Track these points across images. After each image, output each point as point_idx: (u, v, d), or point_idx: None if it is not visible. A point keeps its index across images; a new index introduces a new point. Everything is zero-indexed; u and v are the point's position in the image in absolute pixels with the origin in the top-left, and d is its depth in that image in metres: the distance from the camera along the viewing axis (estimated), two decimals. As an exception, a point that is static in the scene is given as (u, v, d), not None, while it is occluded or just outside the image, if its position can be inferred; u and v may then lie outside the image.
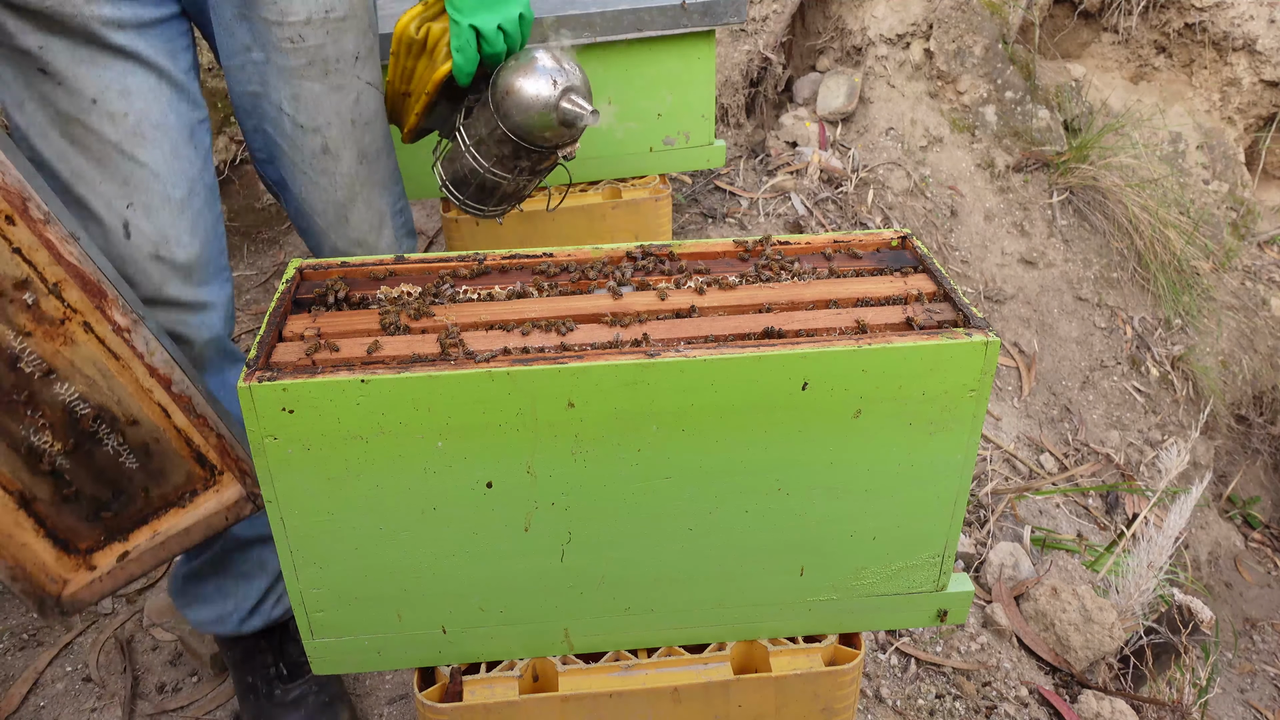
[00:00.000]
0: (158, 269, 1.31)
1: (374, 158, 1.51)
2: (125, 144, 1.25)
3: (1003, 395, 2.85)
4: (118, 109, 1.24)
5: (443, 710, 1.11)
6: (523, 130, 1.37)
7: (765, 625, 1.16)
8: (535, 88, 1.35)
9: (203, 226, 1.35)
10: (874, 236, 1.21)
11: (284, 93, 1.39)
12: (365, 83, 1.44)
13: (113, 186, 1.26)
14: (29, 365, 1.08)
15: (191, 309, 1.36)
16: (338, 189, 1.49)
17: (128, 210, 1.27)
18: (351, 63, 1.41)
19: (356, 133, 1.46)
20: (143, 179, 1.28)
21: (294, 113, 1.41)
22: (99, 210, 1.26)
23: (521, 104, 1.35)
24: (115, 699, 1.67)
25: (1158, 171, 3.36)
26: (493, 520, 1.03)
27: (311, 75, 1.39)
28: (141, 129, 1.26)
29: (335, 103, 1.42)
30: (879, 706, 1.74)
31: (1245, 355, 3.35)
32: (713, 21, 1.99)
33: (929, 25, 3.22)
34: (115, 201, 1.26)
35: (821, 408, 0.99)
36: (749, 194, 2.93)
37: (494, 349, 0.99)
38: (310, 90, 1.40)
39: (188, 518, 1.21)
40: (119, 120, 1.25)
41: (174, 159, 1.30)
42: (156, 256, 1.30)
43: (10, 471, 1.11)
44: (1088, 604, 2.01)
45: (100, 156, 1.25)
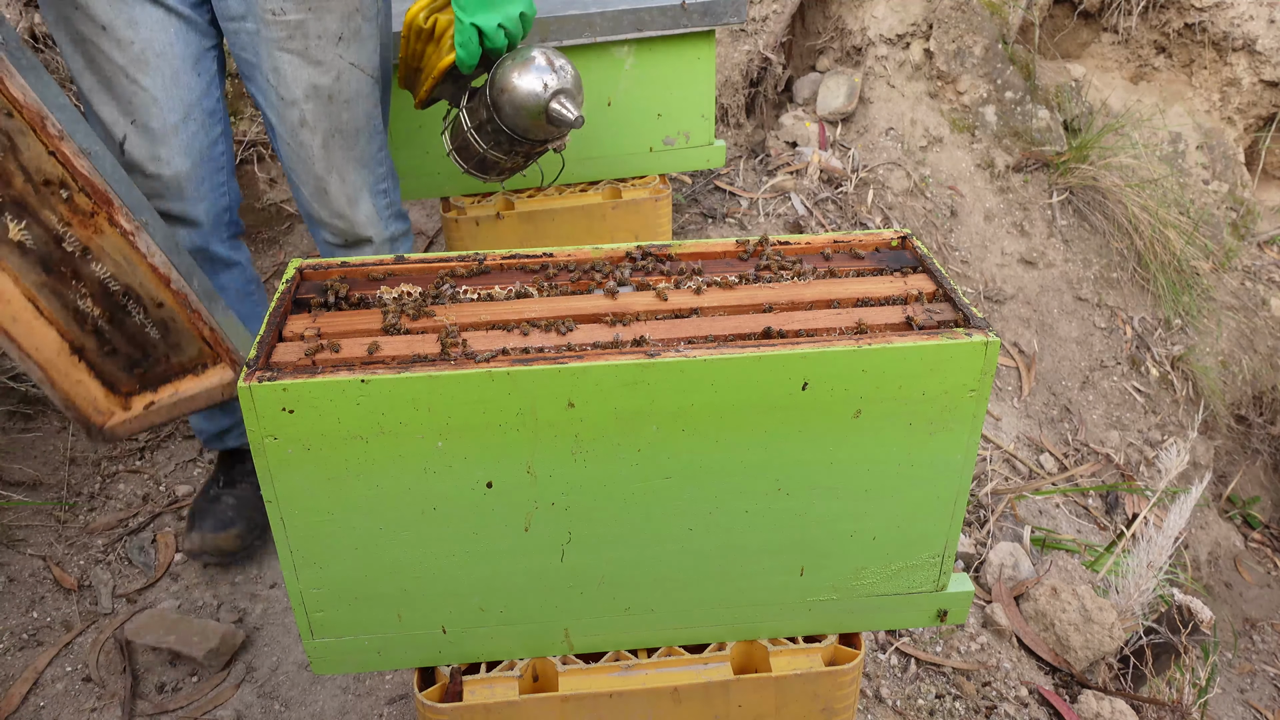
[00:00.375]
0: (146, 183, 1.48)
1: (352, 135, 1.58)
2: (130, 68, 1.40)
3: (1003, 395, 2.85)
4: (125, 36, 1.38)
5: (443, 710, 1.11)
6: (514, 125, 1.47)
7: (765, 625, 1.16)
8: (527, 89, 1.43)
9: (196, 147, 1.49)
10: (874, 236, 1.21)
11: (268, 64, 1.48)
12: (349, 63, 1.51)
13: (117, 105, 1.42)
14: (70, 245, 1.33)
15: (177, 221, 1.53)
16: (315, 161, 1.57)
17: (130, 127, 1.43)
18: (334, 42, 1.48)
19: (334, 109, 1.53)
20: (143, 102, 1.42)
21: (276, 84, 1.49)
22: (107, 123, 1.44)
23: (514, 102, 1.44)
24: (115, 699, 1.67)
25: (1158, 171, 3.36)
26: (493, 520, 1.03)
27: (291, 49, 1.46)
28: (145, 56, 1.40)
29: (311, 77, 1.49)
30: (879, 706, 1.74)
31: (1245, 355, 3.35)
32: (713, 21, 1.99)
33: (929, 25, 3.22)
34: (120, 119, 1.43)
35: (821, 408, 0.99)
36: (749, 194, 2.93)
37: (494, 349, 0.99)
38: (289, 64, 1.47)
39: (198, 385, 1.46)
40: (125, 47, 1.38)
41: (174, 85, 1.44)
42: (145, 173, 1.47)
43: (66, 326, 1.38)
44: (1088, 604, 2.01)
45: (109, 77, 1.40)
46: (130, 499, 2.07)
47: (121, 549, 1.96)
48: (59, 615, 1.83)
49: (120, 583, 1.90)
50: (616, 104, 2.06)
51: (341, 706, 1.67)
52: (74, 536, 1.98)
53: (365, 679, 1.71)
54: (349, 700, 1.68)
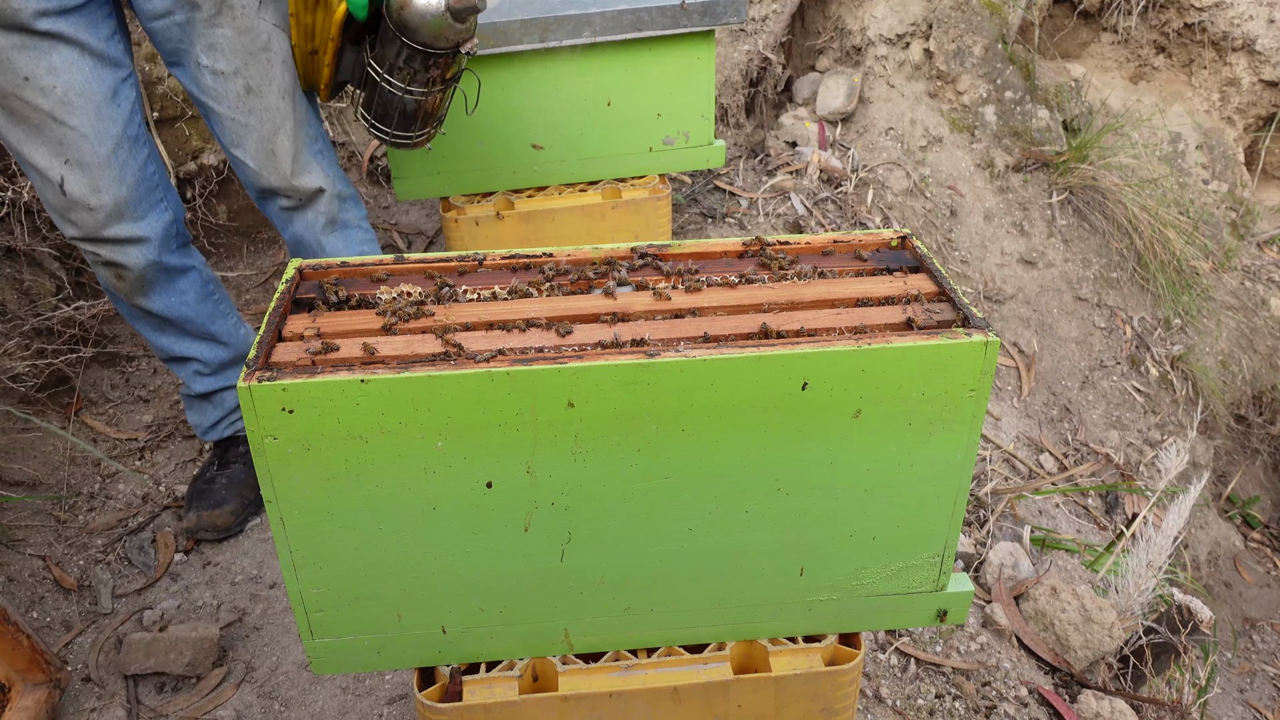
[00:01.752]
0: (90, 215, 1.57)
1: (294, 94, 1.65)
2: (56, 112, 1.48)
3: (1003, 395, 2.85)
4: (47, 83, 1.45)
5: (443, 710, 1.11)
6: (424, 37, 1.49)
7: (765, 625, 1.16)
8: None
9: (130, 172, 1.58)
10: (874, 236, 1.21)
11: (202, 43, 1.55)
12: (272, 25, 1.58)
13: (49, 148, 1.50)
14: None
15: (127, 243, 1.62)
16: (264, 124, 1.64)
17: (64, 167, 1.51)
18: (256, 7, 1.55)
19: (274, 71, 1.61)
20: (73, 140, 1.51)
21: (212, 61, 1.57)
22: (43, 168, 1.52)
23: (416, 13, 1.46)
24: (115, 699, 1.66)
25: (1157, 171, 3.36)
26: (493, 520, 1.03)
27: (222, 23, 1.54)
28: (68, 98, 1.48)
29: (247, 44, 1.56)
30: (879, 706, 1.74)
31: (1245, 355, 3.35)
32: (713, 21, 1.99)
33: (929, 25, 3.22)
34: (54, 162, 1.51)
35: (821, 408, 0.99)
36: (749, 194, 2.93)
37: (494, 349, 0.99)
38: (223, 36, 1.55)
39: None
40: (49, 92, 1.46)
41: (98, 120, 1.51)
42: (88, 206, 1.56)
43: None
44: (1087, 604, 2.01)
45: (37, 124, 1.48)
46: (130, 499, 2.07)
47: (121, 549, 1.96)
48: (59, 615, 1.83)
49: (120, 583, 1.90)
50: (616, 104, 2.06)
51: (341, 706, 1.67)
52: (74, 536, 1.98)
53: (365, 679, 1.71)
54: (349, 700, 1.68)
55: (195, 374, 1.90)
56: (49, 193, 1.56)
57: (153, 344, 1.85)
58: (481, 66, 1.95)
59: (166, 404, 2.30)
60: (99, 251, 1.63)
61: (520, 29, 1.91)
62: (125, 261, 1.65)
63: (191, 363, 1.88)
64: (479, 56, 1.93)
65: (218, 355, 1.89)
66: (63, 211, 1.58)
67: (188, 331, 1.83)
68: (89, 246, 1.63)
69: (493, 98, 2.00)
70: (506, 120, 2.04)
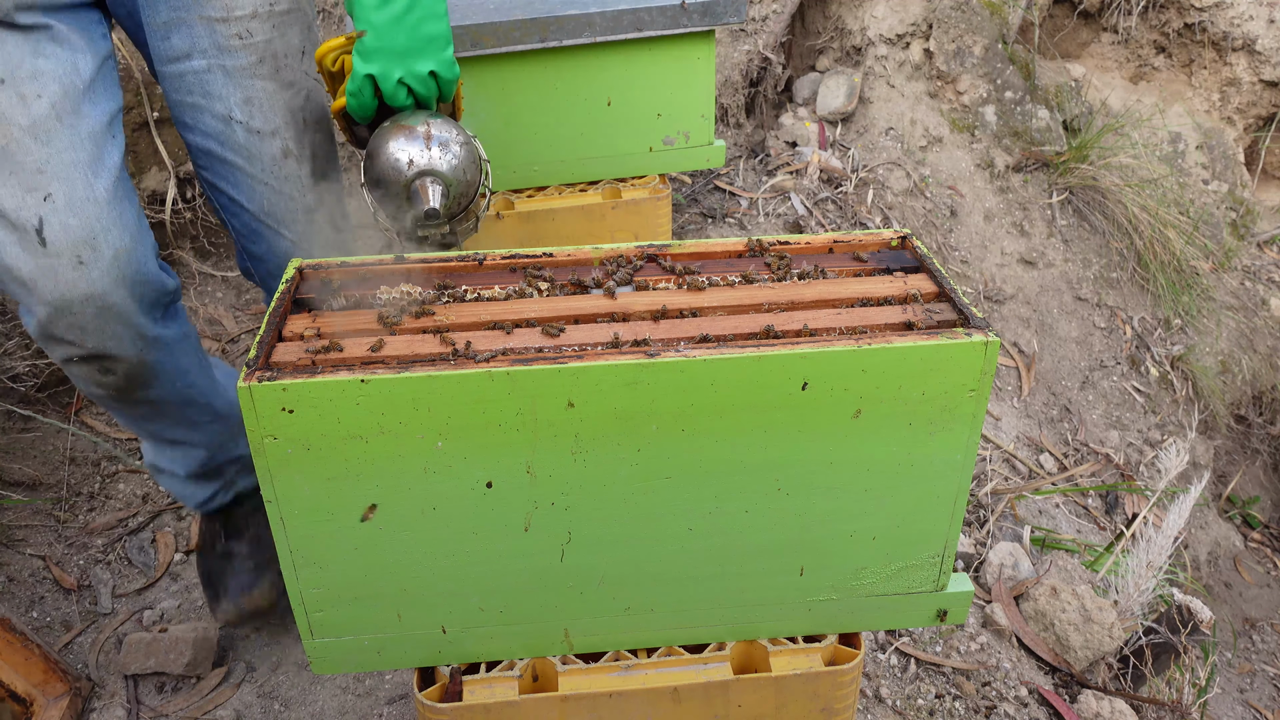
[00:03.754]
0: (81, 276, 1.14)
1: (331, 158, 1.44)
2: (40, 128, 1.10)
3: (1003, 395, 2.85)
4: (29, 90, 1.10)
5: (443, 710, 1.11)
6: (377, 196, 1.24)
7: (765, 625, 1.16)
8: (388, 160, 1.19)
9: (130, 217, 1.19)
10: (874, 237, 1.21)
11: (234, 98, 1.31)
12: (313, 79, 1.38)
13: (25, 177, 1.10)
14: None
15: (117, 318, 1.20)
16: (305, 193, 1.40)
17: (43, 205, 1.10)
18: (299, 58, 1.35)
19: (311, 133, 1.40)
20: (61, 167, 1.11)
21: (247, 118, 1.32)
22: (9, 209, 1.10)
23: (375, 170, 1.21)
24: (115, 699, 1.66)
25: (1157, 171, 3.36)
26: (493, 520, 1.03)
27: (263, 73, 1.31)
28: (58, 113, 1.12)
29: (288, 100, 1.35)
30: (879, 706, 1.74)
31: (1245, 355, 3.35)
32: (713, 21, 1.99)
33: (929, 25, 3.22)
34: (27, 196, 1.10)
35: (821, 407, 0.99)
36: (749, 194, 2.93)
37: (494, 349, 0.99)
38: (264, 90, 1.32)
39: None
40: (30, 102, 1.10)
41: (93, 145, 1.15)
42: (78, 260, 1.14)
43: None
44: (1087, 604, 2.01)
45: (5, 144, 1.09)
46: (130, 499, 2.07)
47: (121, 549, 1.96)
48: (59, 615, 1.83)
49: (120, 583, 1.90)
50: (616, 104, 2.06)
51: (341, 706, 1.67)
52: (74, 536, 1.98)
53: (365, 679, 1.71)
54: (349, 700, 1.68)
55: (188, 456, 1.55)
56: (10, 254, 1.11)
57: (139, 431, 1.48)
58: (482, 66, 1.95)
59: (166, 404, 2.30)
60: (78, 339, 1.18)
61: (520, 29, 1.91)
62: (115, 350, 1.22)
63: (190, 448, 1.53)
64: (479, 56, 1.93)
65: (219, 431, 1.53)
66: (31, 278, 1.12)
67: (186, 417, 1.46)
68: (64, 331, 1.17)
69: (493, 98, 2.00)
70: (506, 121, 2.04)
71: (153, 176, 2.46)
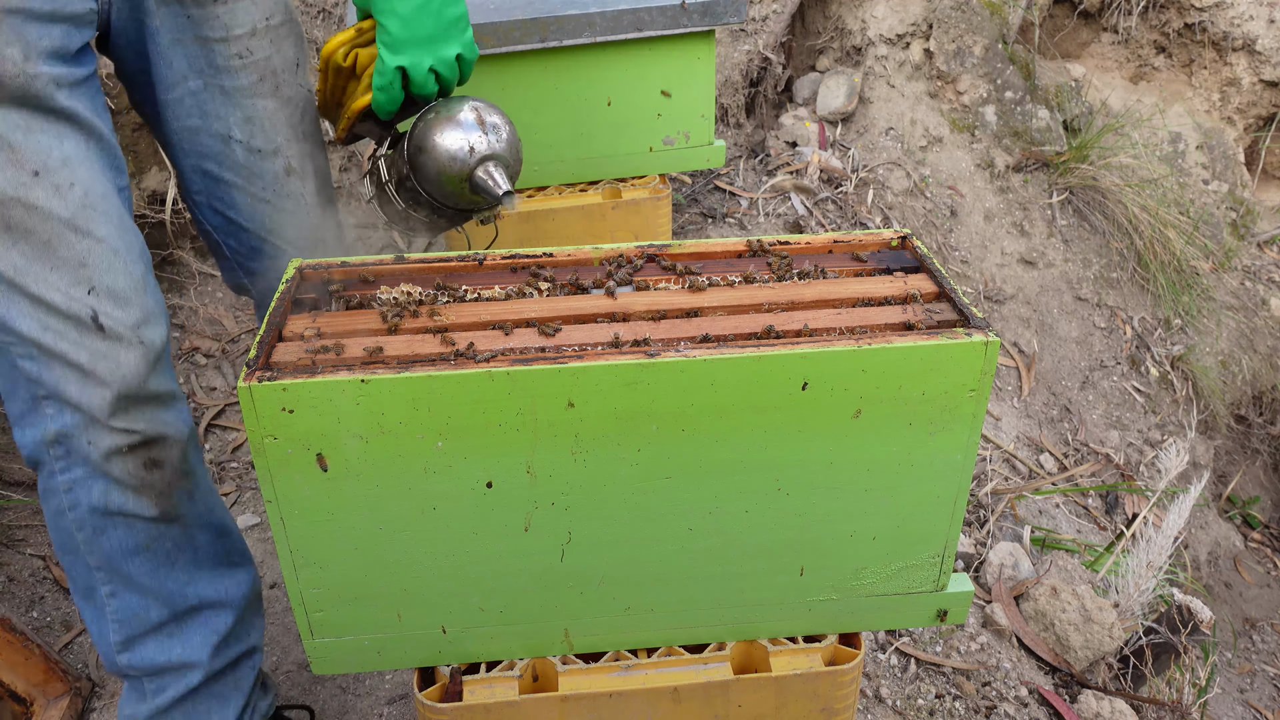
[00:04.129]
0: (139, 357, 1.12)
1: (327, 171, 1.40)
2: (78, 219, 1.07)
3: (1003, 395, 2.85)
4: (62, 180, 1.06)
5: (443, 710, 1.11)
6: (434, 191, 1.23)
7: (765, 625, 1.16)
8: (448, 151, 1.18)
9: (158, 300, 1.16)
10: (874, 237, 1.21)
11: (233, 117, 1.27)
12: (307, 91, 1.35)
13: (68, 272, 1.07)
14: None
15: (171, 401, 1.18)
16: (310, 211, 1.36)
17: (92, 297, 1.08)
18: (294, 71, 1.31)
19: (310, 147, 1.36)
20: (102, 257, 1.09)
21: (248, 137, 1.28)
22: (57, 303, 1.07)
23: (433, 164, 1.20)
24: (115, 699, 1.66)
25: (1157, 171, 3.36)
26: (493, 520, 1.03)
27: (263, 91, 1.27)
28: (90, 200, 1.08)
29: (289, 117, 1.32)
30: (879, 706, 1.74)
31: (1245, 355, 3.35)
32: (713, 21, 1.99)
33: (929, 25, 3.22)
34: (74, 289, 1.08)
35: (821, 408, 0.99)
36: (749, 194, 2.93)
37: (494, 349, 0.99)
38: (264, 109, 1.28)
39: None
40: (65, 193, 1.06)
41: (123, 230, 1.12)
42: (139, 341, 1.12)
43: None
44: (1087, 604, 2.01)
45: (49, 239, 1.06)
46: (130, 499, 2.07)
47: (121, 549, 1.96)
48: (59, 615, 1.83)
49: (120, 583, 1.90)
50: (616, 104, 2.06)
51: (341, 706, 1.67)
52: (74, 536, 1.98)
53: (365, 679, 1.71)
54: (349, 700, 1.68)
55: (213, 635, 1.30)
56: (67, 340, 1.08)
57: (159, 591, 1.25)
58: (482, 66, 1.95)
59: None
60: (135, 425, 1.13)
61: (520, 29, 1.91)
62: (169, 431, 1.17)
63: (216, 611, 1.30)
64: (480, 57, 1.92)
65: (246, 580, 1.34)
66: (91, 365, 1.09)
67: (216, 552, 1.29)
68: (123, 418, 1.12)
69: (493, 98, 1.99)
70: (506, 120, 2.03)
71: (153, 176, 2.46)
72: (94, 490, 1.16)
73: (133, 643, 1.27)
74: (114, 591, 1.24)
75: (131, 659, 1.28)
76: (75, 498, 1.17)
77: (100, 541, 1.20)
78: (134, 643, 1.27)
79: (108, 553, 1.20)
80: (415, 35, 1.17)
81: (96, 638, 1.28)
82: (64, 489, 1.17)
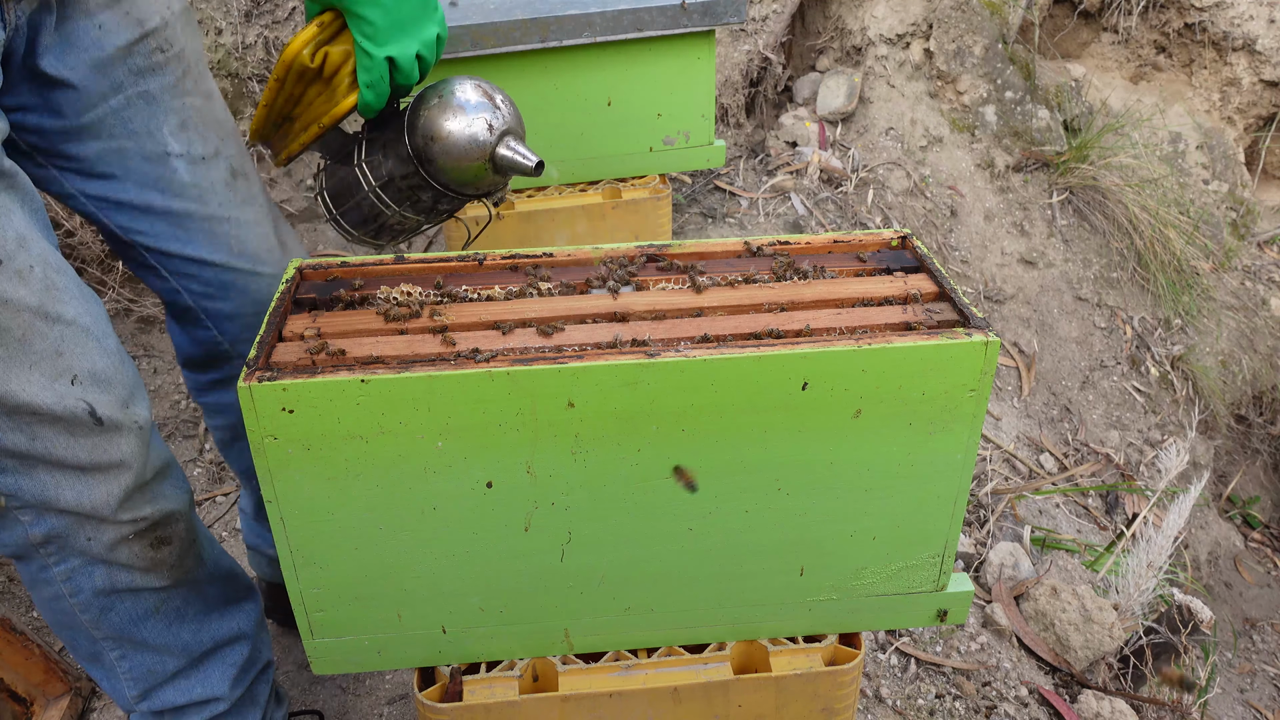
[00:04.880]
0: (138, 443, 1.04)
1: (252, 168, 1.29)
2: (45, 304, 0.95)
3: (1003, 395, 2.85)
4: (22, 263, 0.93)
5: (443, 710, 1.11)
6: (450, 179, 1.17)
7: (765, 625, 1.16)
8: (467, 135, 1.13)
9: (135, 371, 1.06)
10: (874, 237, 1.21)
11: (166, 126, 1.14)
12: (213, 82, 1.22)
13: (47, 365, 0.96)
14: None
15: (169, 472, 1.12)
16: (268, 210, 1.26)
17: (75, 388, 0.97)
18: (203, 60, 1.19)
19: (240, 142, 1.25)
20: (75, 340, 0.98)
21: (186, 147, 1.16)
22: (48, 405, 0.96)
23: (451, 152, 1.14)
24: (115, 699, 1.67)
25: (1157, 171, 3.36)
26: (493, 520, 1.03)
27: (188, 88, 1.15)
28: (49, 277, 0.96)
29: (215, 112, 1.20)
30: (879, 706, 1.74)
31: (1245, 355, 3.35)
32: (713, 21, 1.99)
33: (929, 25, 3.22)
34: (58, 384, 0.96)
35: (821, 408, 0.99)
36: (749, 194, 2.93)
37: (494, 349, 0.99)
38: (194, 106, 1.16)
39: None
40: (28, 278, 0.94)
41: (85, 299, 1.01)
42: (136, 424, 1.03)
43: None
44: (1088, 604, 2.01)
45: (22, 334, 0.94)
46: (130, 499, 2.07)
47: (121, 549, 1.96)
48: (59, 615, 1.83)
49: (120, 583, 1.89)
50: (616, 104, 2.06)
51: (341, 706, 1.67)
52: (74, 536, 1.97)
53: (365, 679, 1.71)
54: (349, 700, 1.68)
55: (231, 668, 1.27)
56: (59, 444, 0.98)
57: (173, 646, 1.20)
58: (482, 67, 1.95)
59: (166, 404, 2.30)
60: (144, 513, 1.07)
61: (520, 29, 1.91)
62: (173, 507, 1.11)
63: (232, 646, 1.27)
64: (480, 57, 1.93)
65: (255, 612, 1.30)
66: (93, 461, 1.00)
67: (225, 595, 1.25)
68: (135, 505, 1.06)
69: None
70: (507, 120, 2.03)
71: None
72: (96, 576, 1.09)
73: (150, 694, 1.22)
74: (124, 655, 1.19)
75: (151, 705, 1.23)
76: (76, 585, 1.10)
77: (108, 618, 1.13)
78: (152, 693, 1.22)
79: (117, 625, 1.14)
80: (399, 21, 1.08)
81: (110, 692, 1.23)
82: (61, 579, 1.09)
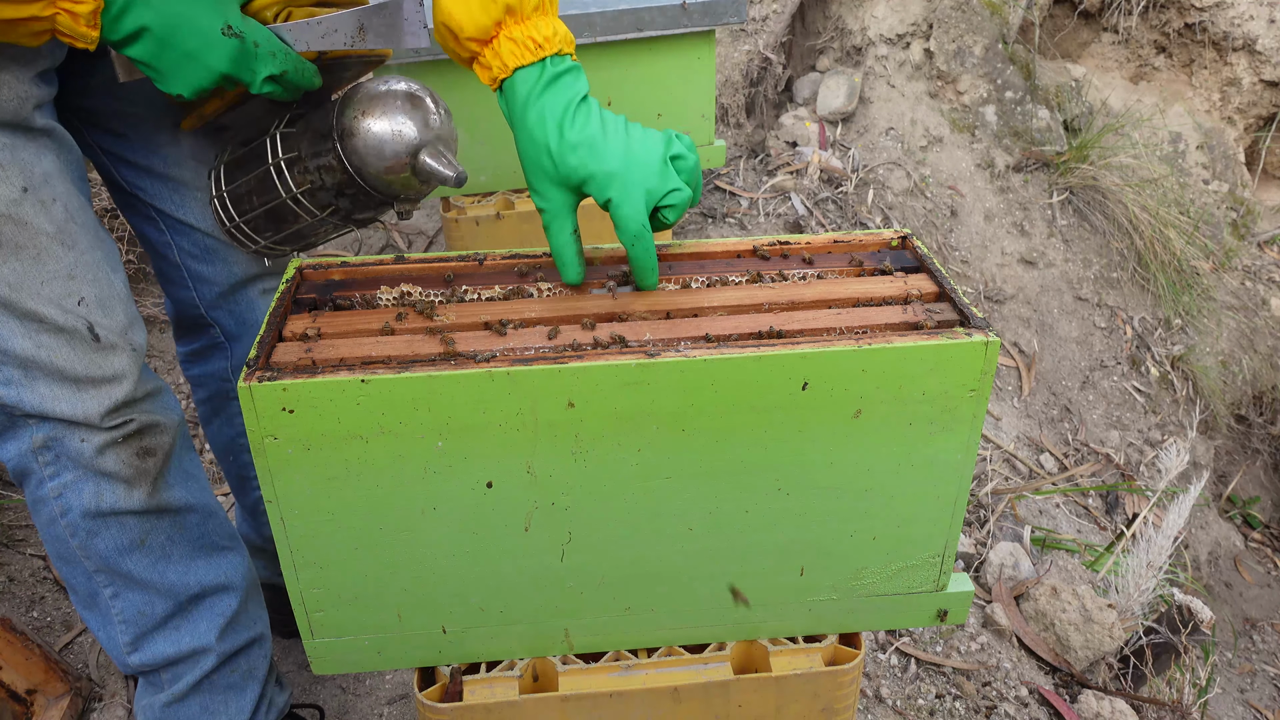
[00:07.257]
0: (131, 363, 1.15)
1: None
2: (63, 233, 1.10)
3: (1003, 395, 2.85)
4: (46, 195, 1.08)
5: (443, 710, 1.11)
6: (368, 174, 1.13)
7: (765, 625, 1.16)
8: (393, 133, 1.10)
9: (136, 309, 1.19)
10: (874, 236, 1.21)
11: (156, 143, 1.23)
12: None
13: (58, 285, 1.10)
14: None
15: (159, 394, 1.21)
16: None
17: (80, 308, 1.11)
18: None
19: None
20: (87, 269, 1.12)
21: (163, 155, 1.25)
22: (53, 316, 1.09)
23: (371, 145, 1.11)
24: (115, 699, 1.66)
25: (1158, 171, 3.36)
26: (493, 520, 1.03)
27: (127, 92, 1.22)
28: (70, 213, 1.11)
29: None
30: (879, 706, 1.74)
31: (1245, 355, 3.35)
32: (713, 21, 1.99)
33: (929, 25, 3.22)
34: (65, 301, 1.10)
35: (821, 408, 0.99)
36: (749, 194, 2.93)
37: (494, 349, 0.99)
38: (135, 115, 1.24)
39: None
40: (50, 208, 1.08)
41: (101, 241, 1.15)
42: (132, 347, 1.16)
43: None
44: (1088, 604, 2.01)
45: (38, 254, 1.08)
46: (130, 499, 2.07)
47: (121, 549, 1.96)
48: (59, 615, 1.83)
49: (120, 583, 1.90)
50: (616, 104, 2.06)
51: (341, 706, 1.67)
52: (74, 536, 1.98)
53: (365, 679, 1.71)
54: (349, 700, 1.68)
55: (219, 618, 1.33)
56: (61, 355, 1.11)
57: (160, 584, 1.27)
58: (482, 66, 1.94)
59: (167, 404, 2.29)
60: (135, 416, 1.17)
61: (520, 29, 1.91)
62: (162, 418, 1.21)
63: (220, 595, 1.33)
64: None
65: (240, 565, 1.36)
66: (88, 373, 1.12)
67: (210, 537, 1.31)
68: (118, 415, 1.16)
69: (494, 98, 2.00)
70: (507, 120, 2.03)
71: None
72: (84, 493, 1.18)
73: (142, 640, 1.29)
74: (116, 592, 1.26)
75: (143, 657, 1.30)
76: (66, 503, 1.19)
77: (95, 544, 1.22)
78: (143, 640, 1.29)
79: (104, 554, 1.22)
80: None
81: (106, 643, 1.30)
82: (54, 495, 1.18)
